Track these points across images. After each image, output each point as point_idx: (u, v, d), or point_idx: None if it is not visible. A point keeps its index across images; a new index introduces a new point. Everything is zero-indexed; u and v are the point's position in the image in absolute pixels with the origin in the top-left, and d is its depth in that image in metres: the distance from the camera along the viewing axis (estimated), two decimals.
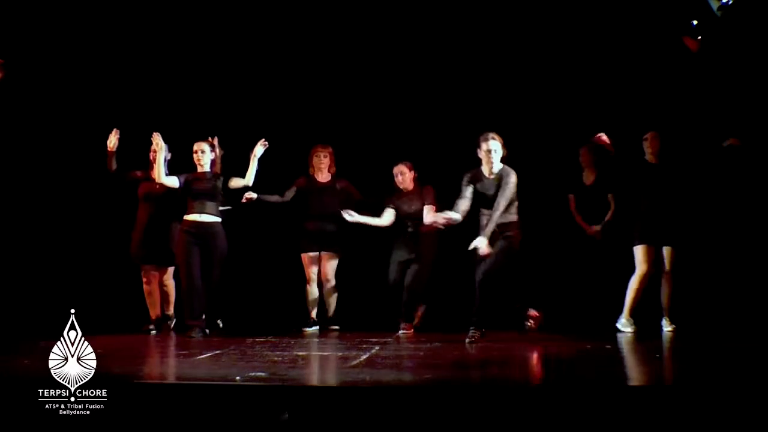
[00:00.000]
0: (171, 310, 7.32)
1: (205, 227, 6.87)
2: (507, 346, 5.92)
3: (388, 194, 7.32)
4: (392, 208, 7.23)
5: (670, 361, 5.41)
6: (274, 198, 7.50)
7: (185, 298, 6.86)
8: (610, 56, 7.91)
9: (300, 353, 5.30)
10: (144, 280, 7.22)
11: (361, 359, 5.04)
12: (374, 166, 7.65)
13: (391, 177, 7.29)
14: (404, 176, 7.21)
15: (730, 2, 6.76)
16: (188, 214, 6.90)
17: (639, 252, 6.93)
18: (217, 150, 7.10)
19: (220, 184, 6.98)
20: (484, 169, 6.20)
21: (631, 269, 6.96)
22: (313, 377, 4.17)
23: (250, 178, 7.03)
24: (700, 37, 7.08)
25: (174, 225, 7.08)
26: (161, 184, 6.99)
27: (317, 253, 7.49)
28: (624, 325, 6.91)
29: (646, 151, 7.07)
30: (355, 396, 3.78)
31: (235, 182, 7.05)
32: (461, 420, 3.59)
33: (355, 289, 7.78)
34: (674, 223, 6.97)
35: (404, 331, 7.00)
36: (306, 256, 7.52)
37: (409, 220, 7.19)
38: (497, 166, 6.15)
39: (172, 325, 7.30)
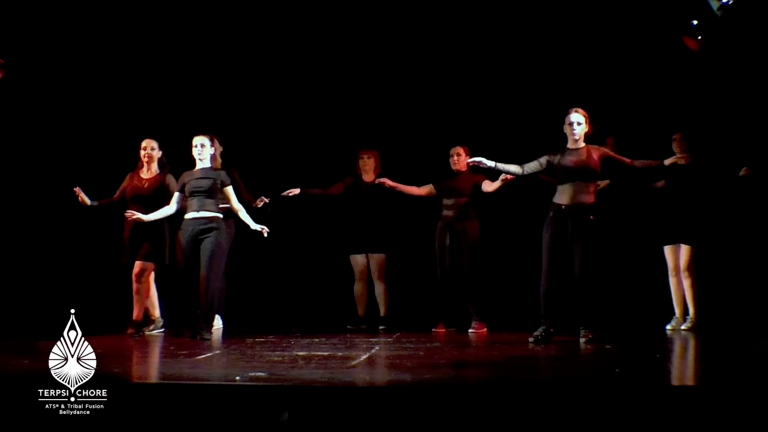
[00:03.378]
0: (149, 314, 7.09)
1: (204, 222, 6.54)
2: (508, 346, 5.92)
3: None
4: (435, 187, 7.42)
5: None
6: (318, 191, 7.67)
7: (188, 299, 6.67)
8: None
9: (300, 353, 5.30)
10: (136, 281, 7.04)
11: (361, 359, 5.05)
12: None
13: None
14: (460, 157, 7.33)
15: (730, 2, 6.76)
16: (187, 212, 6.62)
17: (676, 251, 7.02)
18: (217, 145, 6.94)
19: (219, 181, 6.63)
20: (568, 143, 6.19)
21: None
22: (313, 377, 4.17)
23: (238, 209, 6.76)
24: (700, 37, 7.08)
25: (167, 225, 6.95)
26: (148, 184, 6.89)
27: (365, 253, 7.63)
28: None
29: (674, 151, 7.04)
30: (355, 396, 3.79)
31: (229, 194, 6.71)
32: (461, 420, 3.59)
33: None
34: (696, 222, 6.97)
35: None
36: (354, 257, 7.66)
37: (451, 200, 7.30)
38: (581, 140, 6.15)
39: (151, 329, 7.00)
